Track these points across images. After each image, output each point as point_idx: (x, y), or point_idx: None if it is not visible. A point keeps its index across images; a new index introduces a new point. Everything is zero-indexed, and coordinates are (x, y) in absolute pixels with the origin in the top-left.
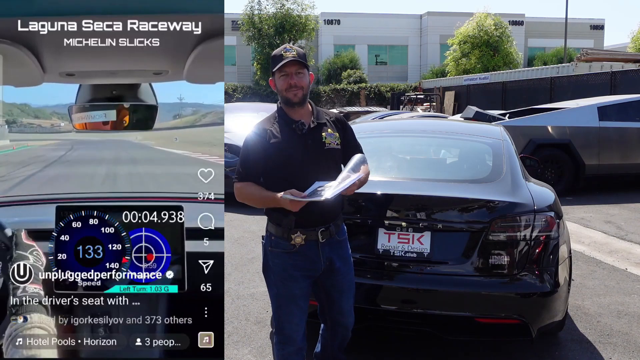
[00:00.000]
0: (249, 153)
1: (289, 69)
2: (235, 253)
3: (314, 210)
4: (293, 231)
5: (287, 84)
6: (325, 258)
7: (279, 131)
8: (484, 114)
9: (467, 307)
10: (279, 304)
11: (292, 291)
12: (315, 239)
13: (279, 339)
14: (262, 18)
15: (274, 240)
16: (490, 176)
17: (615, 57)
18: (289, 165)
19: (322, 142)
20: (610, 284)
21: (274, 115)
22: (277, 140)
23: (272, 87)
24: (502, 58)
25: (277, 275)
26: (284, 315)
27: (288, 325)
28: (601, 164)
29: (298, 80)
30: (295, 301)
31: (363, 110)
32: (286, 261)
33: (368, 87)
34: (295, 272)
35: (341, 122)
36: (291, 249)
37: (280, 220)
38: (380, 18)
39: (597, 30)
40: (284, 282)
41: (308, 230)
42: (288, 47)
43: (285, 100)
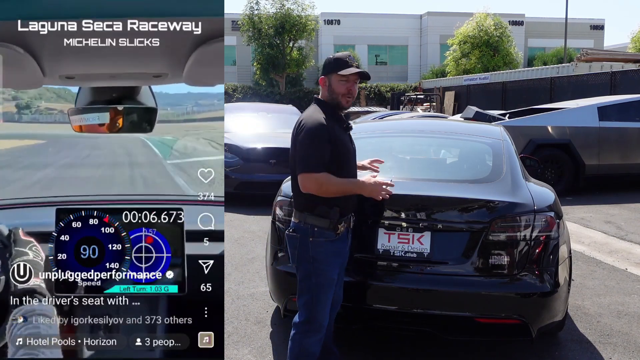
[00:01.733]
0: (321, 142)
1: (353, 77)
2: (235, 253)
3: (352, 201)
4: (339, 221)
5: (347, 89)
6: (350, 242)
7: (337, 129)
8: (484, 114)
9: (467, 307)
10: (318, 292)
11: (332, 277)
12: (349, 225)
13: (306, 328)
14: (262, 18)
15: (317, 231)
16: (490, 176)
17: (615, 57)
18: (345, 163)
19: (354, 144)
20: (610, 284)
21: (322, 112)
22: (338, 137)
23: (322, 84)
24: (502, 58)
25: (319, 263)
26: (321, 302)
27: (322, 312)
28: (601, 164)
29: (355, 90)
30: (332, 287)
31: (363, 110)
32: (330, 249)
33: (368, 87)
34: (336, 259)
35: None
36: (334, 237)
37: (326, 213)
38: (380, 18)
39: (597, 30)
40: (327, 268)
41: (346, 219)
42: (352, 57)
43: (337, 104)
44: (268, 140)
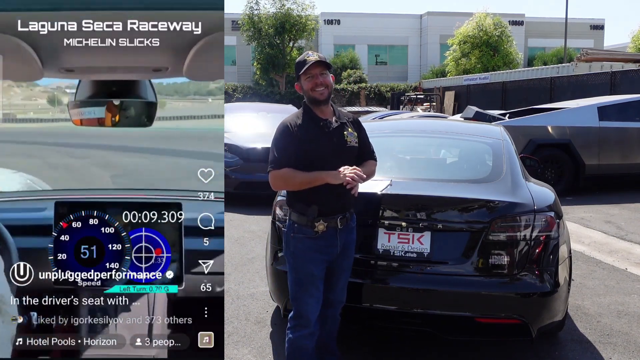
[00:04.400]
0: (284, 143)
1: (313, 71)
2: (235, 253)
3: (335, 201)
4: (317, 219)
5: (313, 83)
6: (341, 243)
7: (308, 128)
8: (484, 114)
9: (467, 307)
10: (299, 286)
11: (312, 272)
12: (335, 226)
13: (294, 323)
14: (262, 18)
15: (297, 227)
16: (490, 176)
17: (615, 57)
18: (318, 160)
19: (344, 140)
20: (610, 284)
21: (300, 113)
22: (307, 137)
23: (299, 90)
24: (502, 58)
25: (298, 258)
26: (302, 297)
27: (305, 306)
28: (601, 164)
29: (323, 80)
30: (314, 282)
31: (363, 110)
32: (309, 245)
33: (368, 87)
34: (315, 256)
35: (357, 123)
36: (313, 235)
37: (304, 210)
38: (380, 18)
39: (597, 30)
40: (305, 263)
41: (329, 219)
42: (310, 52)
43: (312, 100)
44: (268, 140)
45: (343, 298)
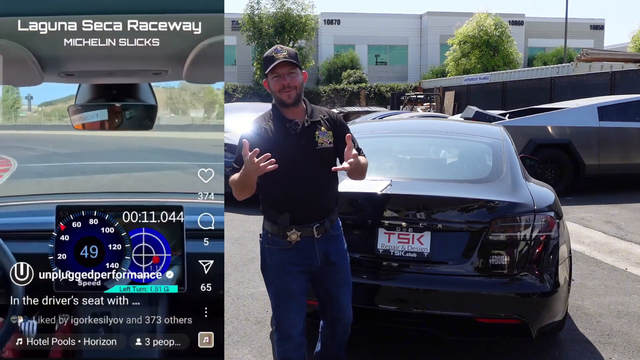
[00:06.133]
0: (238, 149)
1: (280, 70)
2: (235, 253)
3: (308, 207)
4: (288, 228)
5: (280, 85)
6: (321, 253)
7: (274, 130)
8: (484, 114)
9: (467, 307)
10: (278, 301)
11: (289, 286)
12: (311, 234)
13: (278, 336)
14: (262, 18)
15: (270, 237)
16: (490, 176)
17: (615, 57)
18: (284, 164)
19: (314, 142)
20: (610, 284)
21: (269, 113)
22: (272, 140)
23: (267, 88)
24: (502, 58)
25: (274, 271)
26: (282, 311)
27: (287, 320)
28: (601, 164)
29: (291, 81)
30: (293, 296)
31: (363, 110)
32: (283, 257)
33: (368, 87)
34: (292, 268)
35: (334, 119)
36: (287, 245)
37: (275, 218)
38: (380, 18)
39: (597, 30)
40: (282, 278)
41: (303, 227)
42: (279, 48)
43: (280, 102)
44: None
45: (350, 315)
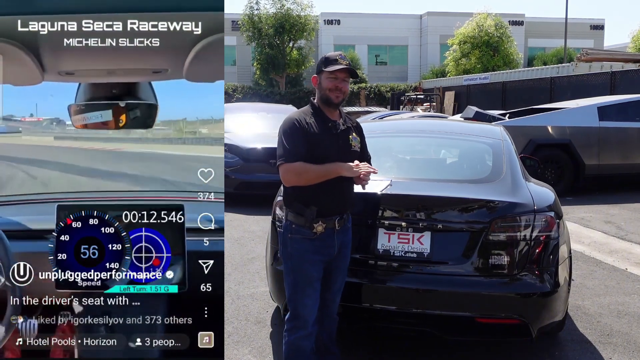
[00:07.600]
0: (295, 137)
1: (340, 74)
2: (235, 253)
3: (335, 202)
4: (315, 220)
5: (334, 85)
6: (339, 244)
7: (317, 127)
8: (484, 114)
9: (467, 307)
10: (296, 288)
11: (309, 273)
12: (333, 226)
13: (291, 325)
14: (262, 18)
15: (294, 228)
16: (490, 176)
17: (615, 57)
18: (322, 160)
19: (349, 144)
20: (610, 284)
21: (308, 110)
22: (316, 136)
23: (314, 83)
24: (502, 58)
25: (296, 259)
26: (300, 298)
27: (303, 308)
28: (601, 164)
29: (343, 86)
30: (311, 283)
31: (363, 110)
32: (307, 246)
33: (368, 87)
34: (314, 257)
35: (360, 129)
36: (312, 236)
37: (302, 211)
38: (380, 18)
39: (597, 30)
40: (303, 265)
41: (328, 220)
42: (343, 55)
43: (326, 99)
44: (268, 140)
45: (338, 298)
